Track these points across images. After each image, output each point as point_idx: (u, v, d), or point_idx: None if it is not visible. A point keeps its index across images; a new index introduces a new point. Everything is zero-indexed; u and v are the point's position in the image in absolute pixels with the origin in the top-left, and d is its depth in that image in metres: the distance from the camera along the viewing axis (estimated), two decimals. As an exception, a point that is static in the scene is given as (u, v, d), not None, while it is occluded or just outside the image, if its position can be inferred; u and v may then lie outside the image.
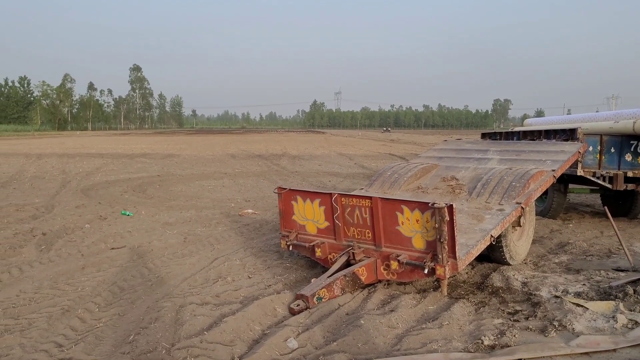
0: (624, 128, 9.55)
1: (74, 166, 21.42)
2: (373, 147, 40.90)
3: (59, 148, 36.08)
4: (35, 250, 7.33)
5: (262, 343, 4.31)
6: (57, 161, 24.09)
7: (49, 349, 4.21)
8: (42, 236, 8.14)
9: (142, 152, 32.45)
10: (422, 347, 4.28)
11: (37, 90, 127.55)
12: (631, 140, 9.61)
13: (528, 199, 6.52)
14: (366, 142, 53.16)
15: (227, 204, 11.81)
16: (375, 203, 5.60)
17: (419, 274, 5.31)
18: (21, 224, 9.10)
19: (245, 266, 6.58)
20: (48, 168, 20.58)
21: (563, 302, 5.29)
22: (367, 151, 35.54)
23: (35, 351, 4.19)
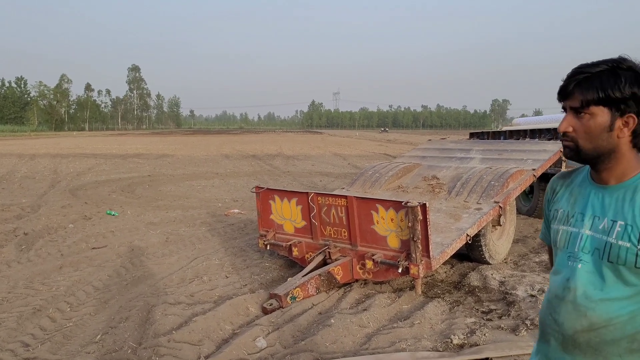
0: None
1: (66, 166, 21.38)
2: (369, 148, 40.88)
3: (53, 148, 36.02)
4: (15, 250, 7.31)
5: (230, 342, 4.29)
6: (49, 161, 24.04)
7: (15, 349, 4.19)
8: (24, 236, 8.11)
9: (136, 152, 32.41)
10: (391, 346, 4.27)
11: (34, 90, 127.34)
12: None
13: (507, 198, 6.51)
14: (363, 142, 53.14)
15: (214, 203, 11.79)
16: (350, 202, 5.59)
17: (394, 273, 5.30)
18: (4, 223, 9.07)
19: (223, 266, 6.56)
20: (40, 168, 20.54)
21: (538, 301, 5.28)
22: (363, 151, 35.52)
23: (0, 350, 4.17)
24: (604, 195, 1.54)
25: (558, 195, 1.70)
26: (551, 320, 1.58)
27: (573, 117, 1.52)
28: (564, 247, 1.60)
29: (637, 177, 1.51)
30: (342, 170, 20.65)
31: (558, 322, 1.55)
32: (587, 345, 1.49)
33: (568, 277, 1.54)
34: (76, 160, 24.76)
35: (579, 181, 1.65)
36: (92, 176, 17.71)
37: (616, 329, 1.46)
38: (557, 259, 1.64)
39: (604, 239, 1.49)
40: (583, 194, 1.60)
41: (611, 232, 1.48)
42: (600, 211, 1.53)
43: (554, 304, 1.58)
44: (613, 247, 1.46)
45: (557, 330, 1.56)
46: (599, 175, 1.56)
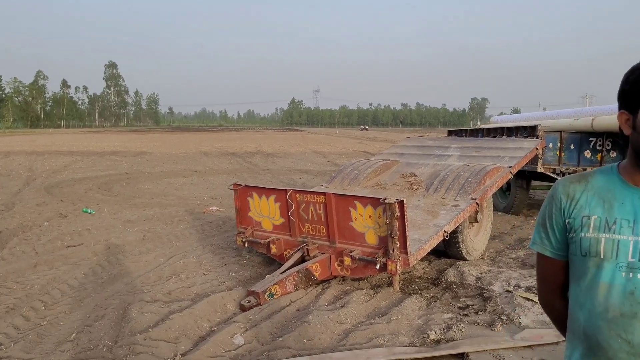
0: (583, 125, 9.70)
1: (42, 164, 21.06)
2: (349, 145, 40.96)
3: (29, 146, 35.44)
4: (-12, 249, 7.18)
5: (207, 340, 4.27)
6: (24, 159, 23.66)
7: (-13, 348, 4.12)
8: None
9: (113, 149, 32.05)
10: (368, 342, 4.29)
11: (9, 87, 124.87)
12: (590, 137, 9.76)
13: (483, 195, 6.57)
14: (343, 140, 53.22)
15: (192, 201, 11.72)
16: (329, 199, 5.59)
17: (372, 269, 5.32)
18: (-22, 222, 8.91)
19: (201, 263, 6.52)
20: (14, 166, 20.20)
21: (514, 296, 5.34)
22: (342, 149, 35.58)
23: (-28, 351, 4.09)
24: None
25: (581, 202, 1.56)
26: (622, 342, 1.42)
27: None
28: (611, 257, 1.46)
29: None
30: (321, 168, 20.66)
31: (633, 343, 1.41)
32: None
33: (631, 290, 1.42)
34: (52, 158, 24.39)
35: (603, 185, 1.56)
36: (69, 174, 17.47)
37: None
38: (601, 272, 1.48)
39: None
40: (619, 198, 1.50)
41: None
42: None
43: (622, 324, 1.42)
44: None
45: (634, 353, 1.41)
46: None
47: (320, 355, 4.01)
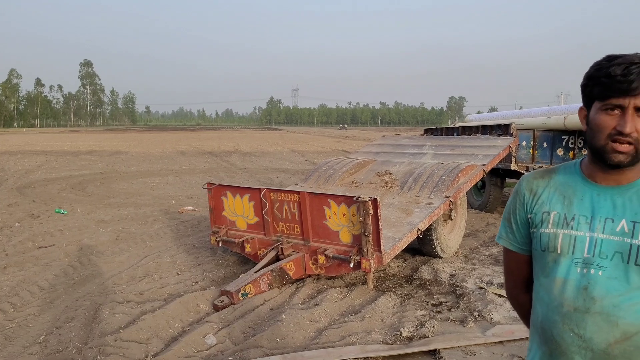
0: (556, 123, 9.83)
1: (14, 164, 20.69)
2: (327, 144, 41.00)
3: (1, 145, 34.82)
4: (-43, 251, 7.03)
5: (179, 340, 4.23)
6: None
7: (-48, 352, 4.03)
8: (-34, 236, 7.81)
9: (88, 149, 31.64)
10: (341, 340, 4.29)
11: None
12: (562, 135, 9.90)
13: (457, 193, 6.62)
14: (321, 139, 53.25)
15: (168, 201, 11.62)
16: (303, 198, 5.58)
17: (346, 267, 5.32)
18: (-54, 223, 8.71)
19: (175, 263, 6.46)
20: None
21: (486, 293, 5.40)
22: (321, 148, 35.60)
23: (-64, 354, 4.00)
24: (613, 196, 1.47)
25: (542, 197, 1.58)
26: (574, 336, 1.44)
27: (636, 117, 1.39)
28: (567, 253, 1.48)
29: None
30: (299, 167, 20.64)
31: (585, 337, 1.42)
32: (622, 356, 1.41)
33: (585, 285, 1.44)
34: (25, 158, 23.99)
35: (564, 181, 1.57)
36: (42, 174, 17.19)
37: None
38: (557, 267, 1.50)
39: (627, 242, 1.41)
40: (579, 195, 1.51)
41: (635, 234, 1.41)
42: (613, 213, 1.45)
43: (575, 318, 1.44)
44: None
45: (585, 347, 1.43)
46: (612, 177, 1.48)
47: (293, 354, 4.01)
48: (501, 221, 1.74)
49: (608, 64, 1.41)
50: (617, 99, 1.40)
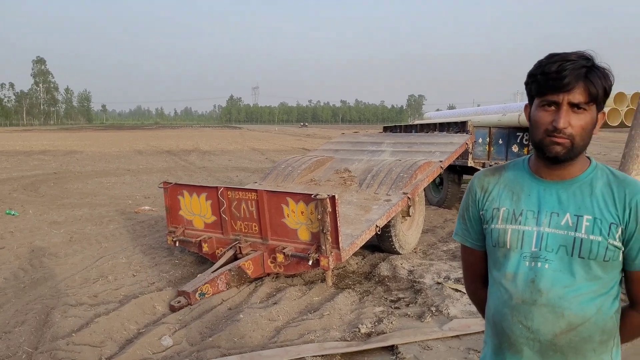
0: (510, 121, 10.04)
1: (-38, 164, 19.94)
2: (288, 142, 40.90)
3: (-51, 145, 33.51)
4: None
5: (134, 342, 4.14)
6: (-56, 159, 22.34)
7: None
8: None
9: (42, 149, 30.73)
10: (300, 338, 4.27)
11: None
12: (517, 132, 10.10)
13: (415, 189, 6.68)
14: (282, 137, 53.09)
15: (124, 201, 11.37)
16: (261, 196, 5.54)
17: (304, 265, 5.30)
18: None
19: (131, 264, 6.33)
20: None
21: (443, 288, 5.46)
22: (281, 146, 35.49)
23: None
24: (558, 191, 1.50)
25: (493, 194, 1.61)
26: (522, 328, 1.48)
27: (570, 112, 1.42)
28: (516, 247, 1.51)
29: (589, 170, 1.52)
30: (259, 165, 20.52)
31: (532, 328, 1.46)
32: (568, 347, 1.45)
33: (532, 278, 1.47)
34: (-26, 158, 23.14)
35: (513, 177, 1.60)
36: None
37: (591, 324, 1.44)
38: (507, 261, 1.53)
39: (572, 235, 1.45)
40: (527, 190, 1.55)
41: (579, 227, 1.45)
42: (559, 207, 1.48)
43: (522, 311, 1.48)
44: (584, 242, 1.44)
45: (533, 338, 1.47)
46: (556, 172, 1.51)
47: (251, 354, 3.97)
48: (457, 218, 1.77)
49: (546, 62, 1.44)
50: (552, 95, 1.43)
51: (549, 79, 1.42)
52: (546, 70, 1.42)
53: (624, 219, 1.45)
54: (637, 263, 1.47)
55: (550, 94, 1.43)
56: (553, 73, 1.41)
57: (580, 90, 1.40)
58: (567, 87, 1.40)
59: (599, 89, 1.41)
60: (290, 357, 3.91)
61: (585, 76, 1.40)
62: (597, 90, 1.40)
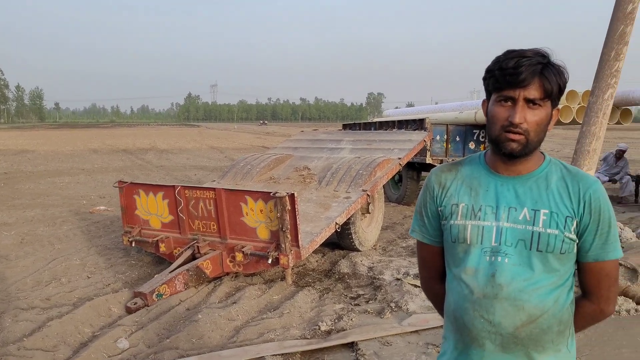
0: (467, 118, 10.22)
1: None
2: (247, 140, 40.63)
3: None
4: None
5: (89, 346, 4.03)
6: None
7: None
8: None
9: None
10: (259, 337, 4.24)
11: None
12: (474, 129, 10.29)
13: (374, 187, 6.71)
14: (241, 135, 52.72)
15: (78, 201, 11.08)
16: (219, 195, 5.47)
17: (264, 264, 5.27)
18: None
19: (85, 266, 6.17)
20: None
21: (402, 284, 5.51)
22: (240, 144, 35.23)
23: None
24: (515, 186, 1.52)
25: (451, 190, 1.61)
26: (484, 322, 1.49)
27: (526, 108, 1.44)
28: (476, 243, 1.53)
29: (544, 165, 1.54)
30: (218, 164, 20.33)
31: (494, 322, 1.48)
32: (529, 339, 1.47)
33: (492, 273, 1.48)
34: None
35: (470, 173, 1.61)
36: (-63, 175, 15.94)
37: (549, 316, 1.47)
38: (468, 257, 1.54)
39: (530, 229, 1.47)
40: (484, 186, 1.56)
41: (536, 221, 1.47)
42: (516, 202, 1.50)
43: (484, 305, 1.49)
44: (542, 235, 1.46)
45: (494, 332, 1.49)
46: (512, 167, 1.53)
47: (209, 354, 3.92)
48: (414, 215, 1.77)
49: (504, 58, 1.46)
50: (508, 91, 1.45)
51: (505, 74, 1.44)
52: (503, 66, 1.44)
53: (579, 212, 1.48)
54: (590, 254, 1.51)
55: (507, 90, 1.45)
56: (510, 69, 1.43)
57: (536, 87, 1.42)
58: (523, 83, 1.42)
59: (554, 85, 1.43)
60: (250, 356, 3.87)
61: (540, 72, 1.42)
62: (552, 86, 1.43)
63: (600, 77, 5.74)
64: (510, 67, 1.43)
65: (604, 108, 5.69)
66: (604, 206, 1.49)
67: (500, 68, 1.45)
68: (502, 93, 1.46)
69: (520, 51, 1.45)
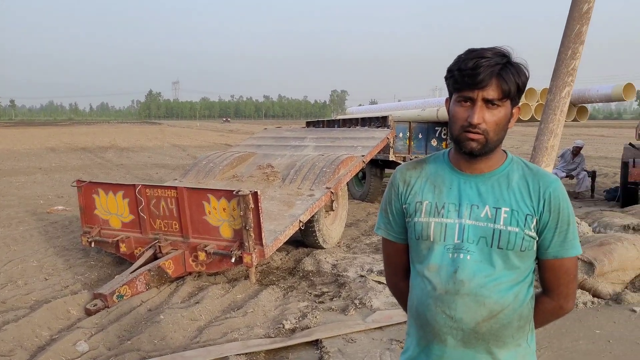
0: (429, 115, 10.33)
1: None
2: (210, 138, 40.23)
3: None
4: None
5: (47, 349, 3.93)
6: None
7: None
8: None
9: (-58, 147, 28.65)
10: (223, 337, 4.20)
11: None
12: (436, 127, 10.42)
13: (338, 184, 6.73)
14: (204, 133, 52.17)
15: (35, 201, 10.78)
16: (180, 193, 5.40)
17: (227, 263, 5.23)
18: None
19: (42, 267, 6.01)
20: None
21: (366, 280, 5.53)
22: (203, 142, 34.87)
23: None
24: (477, 184, 1.54)
25: (415, 188, 1.62)
26: (445, 318, 1.52)
27: (484, 108, 1.46)
28: (440, 240, 1.54)
29: (506, 164, 1.57)
30: (180, 162, 20.07)
31: (455, 318, 1.50)
32: (490, 334, 1.50)
33: (455, 269, 1.51)
34: None
35: (434, 171, 1.63)
36: None
37: (509, 311, 1.50)
38: (431, 254, 1.56)
39: (491, 227, 1.49)
40: (448, 184, 1.58)
41: (497, 219, 1.49)
42: (478, 200, 1.52)
43: (446, 301, 1.51)
44: (503, 233, 1.48)
45: (456, 327, 1.51)
46: (474, 165, 1.55)
47: (172, 355, 3.86)
48: (379, 212, 1.77)
49: (464, 58, 1.48)
50: (467, 91, 1.47)
51: (464, 75, 1.45)
52: (462, 67, 1.46)
53: (539, 210, 1.51)
54: (549, 252, 1.54)
55: (466, 91, 1.47)
56: (468, 70, 1.44)
57: (494, 87, 1.44)
58: (480, 84, 1.44)
59: (512, 85, 1.45)
60: (213, 356, 3.83)
61: (498, 73, 1.44)
62: (510, 87, 1.45)
63: (557, 75, 5.88)
64: (468, 68, 1.44)
65: (562, 105, 5.83)
66: (563, 204, 1.52)
67: (459, 69, 1.47)
68: (462, 93, 1.48)
69: (480, 51, 1.47)
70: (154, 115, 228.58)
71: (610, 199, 10.84)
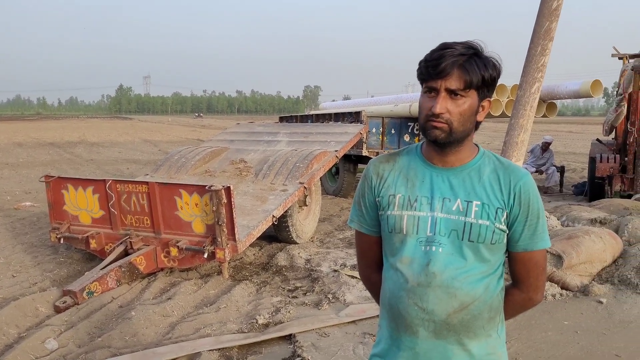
0: (402, 111, 10.40)
1: None
2: (182, 133, 39.81)
3: None
4: None
5: (15, 348, 3.86)
6: None
7: None
8: None
9: None
10: (195, 332, 4.18)
11: None
12: (409, 122, 10.49)
13: (311, 179, 6.73)
14: (175, 128, 51.62)
15: (2, 197, 10.54)
16: (152, 188, 5.34)
17: (200, 258, 5.19)
18: None
19: (10, 264, 5.89)
20: None
21: (340, 275, 5.55)
22: (175, 137, 34.49)
23: None
24: (449, 177, 1.56)
25: (389, 181, 1.63)
26: (418, 309, 1.53)
27: (448, 98, 1.48)
28: (412, 233, 1.55)
29: (477, 158, 1.58)
30: (151, 157, 19.82)
31: (427, 309, 1.51)
32: (460, 325, 1.52)
33: (427, 262, 1.52)
34: None
35: (407, 164, 1.64)
36: None
37: (480, 303, 1.52)
38: (404, 246, 1.57)
39: (462, 220, 1.51)
40: (420, 177, 1.59)
41: (468, 212, 1.51)
42: (450, 193, 1.54)
43: (418, 293, 1.52)
44: (474, 226, 1.50)
45: (428, 319, 1.52)
46: (445, 158, 1.57)
47: (144, 352, 3.82)
48: (352, 205, 1.78)
49: (433, 50, 1.51)
50: (431, 82, 1.50)
51: (428, 66, 1.49)
52: (428, 58, 1.49)
53: (509, 204, 1.53)
54: (519, 244, 1.56)
55: (430, 81, 1.50)
56: (433, 60, 1.47)
57: (456, 77, 1.46)
58: (442, 74, 1.46)
59: (474, 77, 1.47)
60: (186, 352, 3.81)
61: (461, 64, 1.46)
62: (472, 78, 1.46)
63: (527, 71, 5.97)
64: (433, 59, 1.47)
65: (531, 101, 5.92)
66: (533, 198, 1.55)
67: (425, 60, 1.50)
68: (427, 84, 1.51)
69: (450, 44, 1.49)
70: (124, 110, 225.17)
71: (578, 194, 11.06)
